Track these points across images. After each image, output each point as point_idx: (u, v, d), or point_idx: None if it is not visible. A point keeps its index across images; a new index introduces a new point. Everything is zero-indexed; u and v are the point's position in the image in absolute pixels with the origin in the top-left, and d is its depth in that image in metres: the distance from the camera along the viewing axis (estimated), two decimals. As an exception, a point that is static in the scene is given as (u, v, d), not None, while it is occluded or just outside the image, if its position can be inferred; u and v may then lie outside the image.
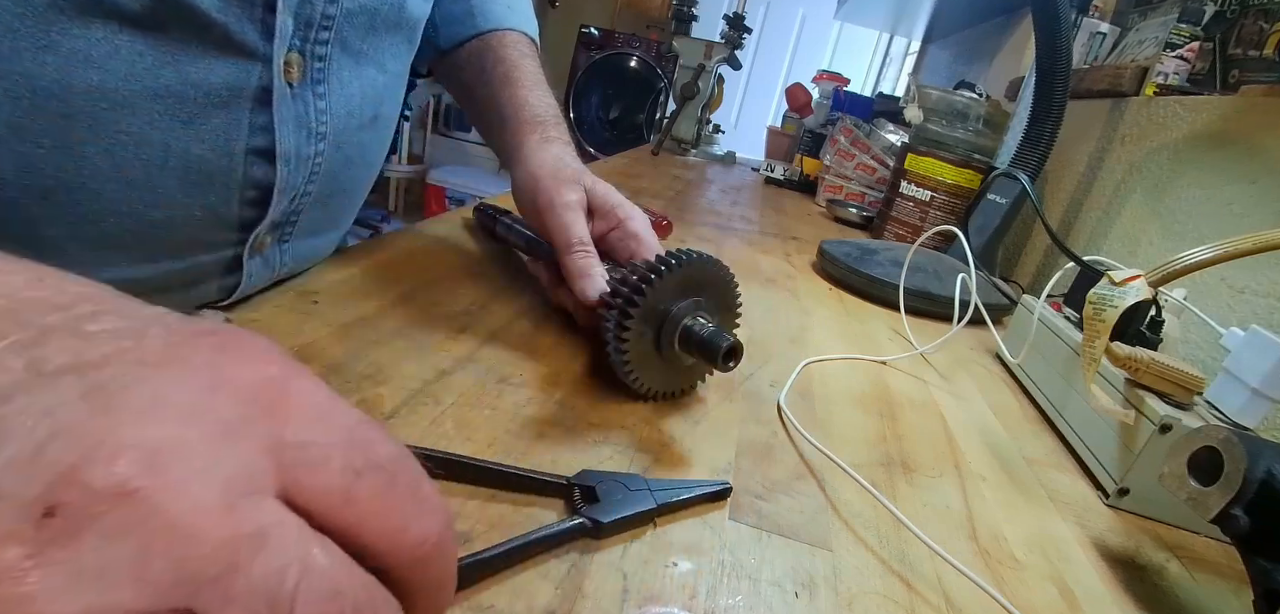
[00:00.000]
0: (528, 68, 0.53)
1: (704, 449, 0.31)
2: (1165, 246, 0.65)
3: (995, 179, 0.80)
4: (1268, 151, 0.56)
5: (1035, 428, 0.44)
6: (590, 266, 0.38)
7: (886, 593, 0.25)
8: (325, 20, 0.34)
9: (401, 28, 0.41)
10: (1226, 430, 0.26)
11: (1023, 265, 0.93)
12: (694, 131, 1.68)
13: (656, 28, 3.23)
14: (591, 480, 0.25)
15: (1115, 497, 0.36)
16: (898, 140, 1.20)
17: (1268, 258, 0.49)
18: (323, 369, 0.30)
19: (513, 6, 0.55)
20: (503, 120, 0.50)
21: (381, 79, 0.40)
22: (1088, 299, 0.39)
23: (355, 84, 0.38)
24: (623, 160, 1.28)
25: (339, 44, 0.36)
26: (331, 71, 0.35)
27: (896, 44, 2.87)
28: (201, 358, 0.13)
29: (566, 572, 0.22)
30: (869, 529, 0.28)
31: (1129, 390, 0.37)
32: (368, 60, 0.39)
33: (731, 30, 1.63)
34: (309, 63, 0.34)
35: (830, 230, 1.07)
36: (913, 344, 0.52)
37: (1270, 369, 0.35)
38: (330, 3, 0.34)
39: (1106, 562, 0.31)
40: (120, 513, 0.11)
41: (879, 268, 0.66)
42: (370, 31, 0.38)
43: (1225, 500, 0.25)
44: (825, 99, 1.69)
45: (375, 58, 0.39)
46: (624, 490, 0.25)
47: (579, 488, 0.25)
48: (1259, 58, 0.62)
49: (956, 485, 0.34)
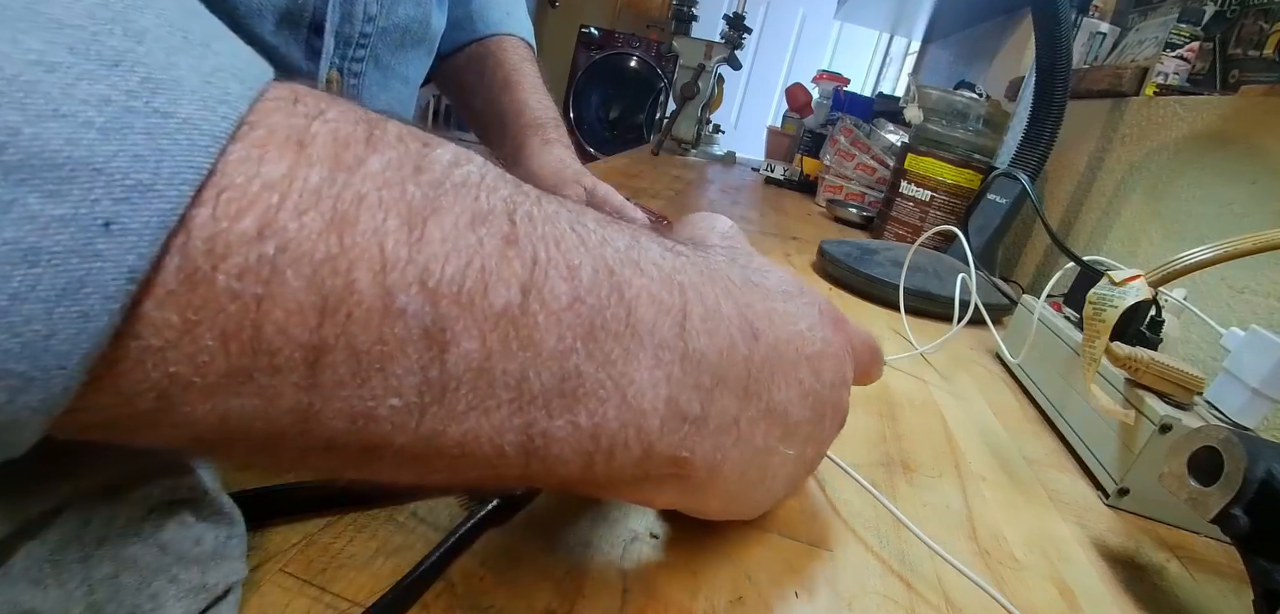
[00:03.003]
0: (527, 72, 0.53)
1: (704, 449, 0.31)
2: (1165, 246, 0.65)
3: (995, 179, 0.80)
4: (1268, 151, 0.56)
5: (1035, 428, 0.44)
6: None
7: (886, 593, 0.25)
8: (362, 39, 0.36)
9: (424, 41, 0.43)
10: (1226, 430, 0.26)
11: (1023, 265, 0.93)
12: (694, 131, 1.68)
13: (656, 28, 3.23)
14: None
15: (1115, 497, 0.36)
16: (898, 140, 1.20)
17: (1268, 258, 0.49)
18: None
19: (511, 12, 0.55)
20: (503, 123, 0.50)
21: (404, 91, 0.42)
22: (1088, 299, 0.39)
23: (383, 97, 0.39)
24: (623, 160, 1.28)
25: (372, 60, 0.37)
26: (364, 87, 0.37)
27: (896, 44, 2.87)
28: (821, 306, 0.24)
29: (566, 572, 0.22)
30: (869, 529, 0.28)
31: (1129, 390, 0.37)
32: (394, 74, 0.40)
33: (731, 30, 1.63)
34: (345, 79, 0.36)
35: (830, 230, 1.07)
36: (913, 344, 0.52)
37: (1270, 369, 0.35)
38: (367, 22, 0.36)
39: (1106, 562, 0.31)
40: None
41: (879, 268, 0.66)
42: (400, 47, 0.40)
43: (1225, 500, 0.25)
44: (825, 99, 1.69)
45: (401, 71, 0.41)
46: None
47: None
48: (1259, 58, 0.62)
49: (956, 485, 0.34)
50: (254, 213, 0.11)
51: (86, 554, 0.15)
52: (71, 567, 0.15)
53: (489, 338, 0.13)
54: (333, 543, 0.21)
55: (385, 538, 0.22)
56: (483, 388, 0.13)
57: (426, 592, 0.20)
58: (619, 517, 0.25)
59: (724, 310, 0.18)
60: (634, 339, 0.15)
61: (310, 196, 0.12)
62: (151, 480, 0.17)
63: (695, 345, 0.17)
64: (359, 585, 0.20)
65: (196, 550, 0.17)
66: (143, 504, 0.16)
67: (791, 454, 0.22)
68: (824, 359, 0.22)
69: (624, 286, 0.15)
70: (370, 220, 0.12)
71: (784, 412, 0.20)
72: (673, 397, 0.16)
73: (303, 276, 0.11)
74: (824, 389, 0.22)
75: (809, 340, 0.22)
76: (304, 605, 0.19)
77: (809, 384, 0.21)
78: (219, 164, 0.11)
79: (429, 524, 0.23)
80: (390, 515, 0.23)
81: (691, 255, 0.19)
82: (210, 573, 0.17)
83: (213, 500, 0.18)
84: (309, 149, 0.12)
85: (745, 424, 0.19)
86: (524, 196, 0.15)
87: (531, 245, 0.14)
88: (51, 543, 0.15)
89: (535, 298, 0.14)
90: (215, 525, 0.18)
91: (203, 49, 0.12)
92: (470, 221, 0.13)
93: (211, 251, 0.11)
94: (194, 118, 0.11)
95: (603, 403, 0.15)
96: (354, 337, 0.12)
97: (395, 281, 0.12)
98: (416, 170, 0.13)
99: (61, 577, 0.15)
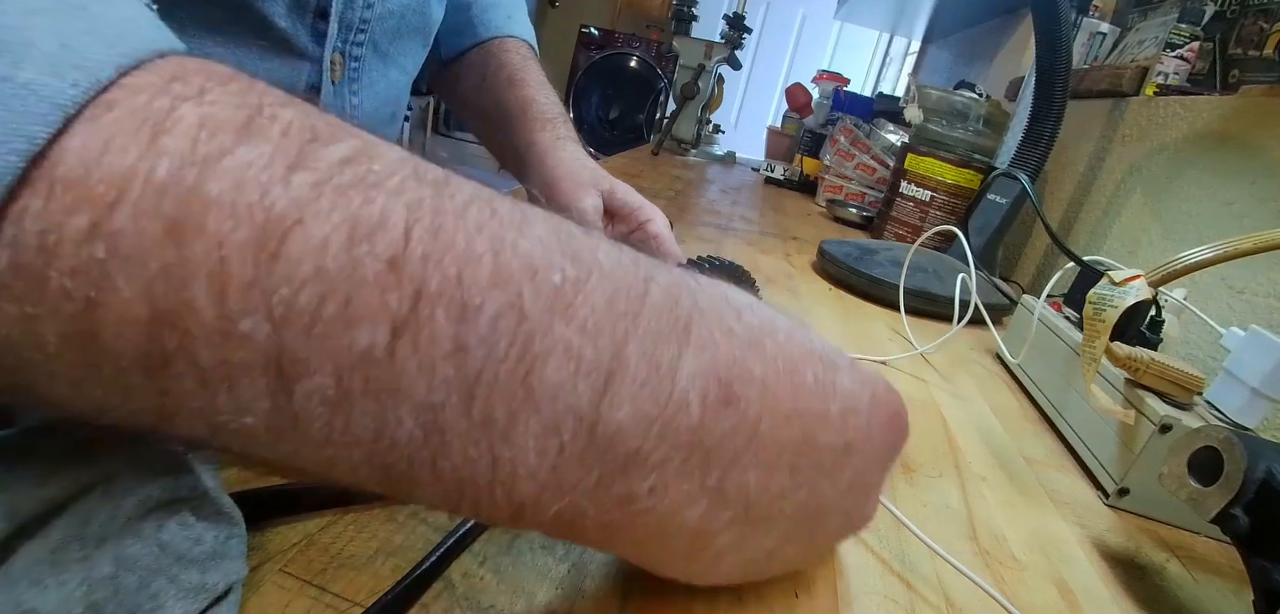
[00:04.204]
0: (532, 69, 0.53)
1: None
2: (1165, 246, 0.65)
3: (995, 179, 0.80)
4: (1268, 151, 0.56)
5: (1035, 428, 0.44)
6: None
7: (886, 593, 0.25)
8: (362, 23, 0.37)
9: (422, 31, 0.43)
10: (1226, 430, 0.26)
11: (1023, 265, 0.93)
12: (694, 131, 1.68)
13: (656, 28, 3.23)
14: None
15: (1115, 497, 0.36)
16: (898, 140, 1.20)
17: (1268, 258, 0.49)
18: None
19: (512, 16, 0.56)
20: (510, 120, 0.50)
21: (402, 80, 0.42)
22: (1088, 299, 0.39)
23: (381, 83, 0.39)
24: (623, 160, 1.28)
25: (371, 46, 0.38)
26: (364, 71, 0.38)
27: (896, 44, 2.87)
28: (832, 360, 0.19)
29: (566, 572, 0.22)
30: (869, 529, 0.28)
31: (1129, 390, 0.37)
32: (392, 62, 0.41)
33: (731, 30, 1.63)
34: (347, 63, 0.37)
35: (830, 230, 1.07)
36: (913, 344, 0.52)
37: (1270, 369, 0.35)
38: (367, 7, 0.36)
39: (1106, 562, 0.31)
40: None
41: (879, 268, 0.66)
42: (397, 35, 0.40)
43: (1225, 500, 0.25)
44: (825, 99, 1.69)
45: (398, 59, 0.42)
46: None
47: None
48: (1259, 58, 0.62)
49: (956, 485, 0.34)
50: (89, 209, 0.10)
51: (86, 554, 0.15)
52: (71, 567, 0.15)
53: (346, 379, 0.11)
54: (333, 543, 0.21)
55: (385, 538, 0.22)
56: (338, 425, 0.12)
57: (426, 592, 0.20)
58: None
59: (686, 366, 0.14)
60: (526, 403, 0.13)
61: (153, 195, 0.10)
62: (151, 480, 0.17)
63: (616, 416, 0.14)
64: (359, 585, 0.20)
65: (196, 550, 0.17)
66: (143, 504, 0.16)
67: (762, 545, 0.18)
68: (850, 453, 0.18)
69: (536, 336, 0.13)
70: (218, 228, 0.10)
71: (744, 498, 0.16)
72: (561, 469, 0.14)
73: (135, 287, 0.10)
74: (832, 487, 0.18)
75: (834, 424, 0.17)
76: (304, 605, 0.19)
77: (808, 476, 0.17)
78: (59, 145, 0.10)
79: (429, 524, 0.23)
80: (390, 515, 0.23)
81: (688, 281, 0.16)
82: (210, 573, 0.17)
83: (213, 500, 0.18)
84: (164, 138, 0.11)
85: (670, 500, 0.15)
86: (440, 203, 0.12)
87: (422, 272, 0.12)
88: (51, 543, 0.15)
89: (408, 341, 0.12)
90: (215, 525, 0.18)
91: (77, 11, 0.10)
92: (348, 237, 0.11)
93: (43, 247, 0.10)
94: (35, 83, 0.10)
95: (471, 464, 0.13)
96: (195, 354, 0.11)
97: (236, 306, 0.11)
98: (292, 167, 0.11)
99: (61, 577, 0.15)
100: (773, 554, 0.19)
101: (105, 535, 0.16)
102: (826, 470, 0.18)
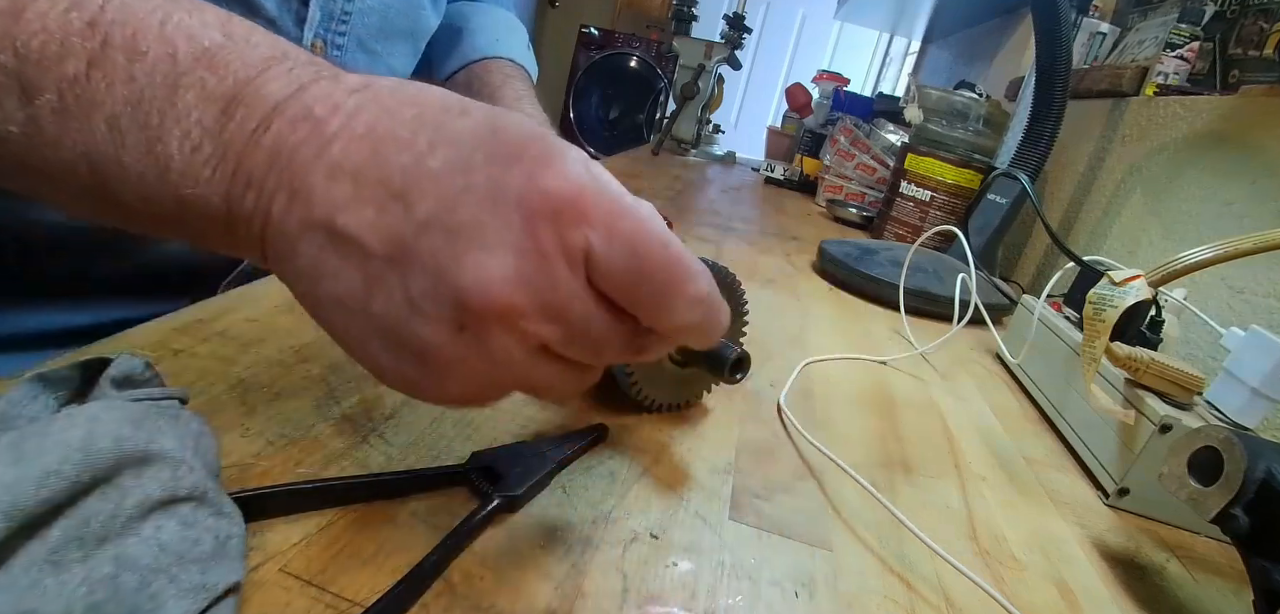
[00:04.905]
0: (513, 88, 0.55)
1: (704, 449, 0.31)
2: (1165, 246, 0.65)
3: (995, 179, 0.80)
4: (1268, 151, 0.56)
5: (1035, 428, 0.44)
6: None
7: (886, 593, 0.25)
8: (344, 14, 0.38)
9: (412, 35, 0.45)
10: (1226, 430, 0.26)
11: (1023, 265, 0.93)
12: (694, 131, 1.68)
13: (656, 28, 3.22)
14: (486, 460, 0.26)
15: (1115, 497, 0.36)
16: (898, 140, 1.20)
17: (1268, 258, 0.49)
18: (323, 369, 0.30)
19: (500, 38, 0.58)
20: None
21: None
22: (1088, 299, 0.39)
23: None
24: (623, 160, 1.28)
25: (355, 39, 0.40)
26: (346, 63, 0.39)
27: (896, 44, 2.87)
28: (515, 187, 0.17)
29: (566, 572, 0.22)
30: (869, 529, 0.28)
31: (1129, 390, 0.37)
32: (379, 60, 0.42)
33: (731, 30, 1.63)
34: (328, 52, 0.38)
35: (830, 230, 1.07)
36: (913, 344, 0.52)
37: (1270, 369, 0.35)
38: (348, 0, 0.38)
39: (1106, 562, 0.31)
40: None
41: (879, 268, 0.66)
42: (382, 34, 0.42)
43: (1225, 500, 0.25)
44: (825, 99, 1.69)
45: (386, 58, 0.43)
46: (520, 460, 0.26)
47: (478, 470, 0.25)
48: (1259, 58, 0.62)
49: (956, 486, 0.34)
50: None
51: (86, 554, 0.15)
52: (71, 567, 0.15)
53: (64, 94, 0.18)
54: (333, 543, 0.21)
55: (385, 538, 0.22)
56: (66, 129, 0.18)
57: (426, 592, 0.20)
58: (620, 516, 0.25)
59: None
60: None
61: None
62: (151, 480, 0.17)
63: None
64: (359, 585, 0.20)
65: (196, 550, 0.17)
66: (142, 504, 0.16)
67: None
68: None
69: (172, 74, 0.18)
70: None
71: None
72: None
73: None
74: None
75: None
76: (304, 605, 0.19)
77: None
78: None
79: (429, 524, 0.23)
80: (390, 515, 0.23)
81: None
82: (210, 573, 0.17)
83: (213, 500, 0.18)
84: None
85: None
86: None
87: (108, 29, 0.18)
88: (51, 543, 0.15)
89: (99, 70, 0.18)
90: (215, 525, 0.18)
91: None
92: (65, 9, 0.18)
93: None
94: None
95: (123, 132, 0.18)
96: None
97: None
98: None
99: (61, 577, 0.15)
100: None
101: (105, 535, 0.16)
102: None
